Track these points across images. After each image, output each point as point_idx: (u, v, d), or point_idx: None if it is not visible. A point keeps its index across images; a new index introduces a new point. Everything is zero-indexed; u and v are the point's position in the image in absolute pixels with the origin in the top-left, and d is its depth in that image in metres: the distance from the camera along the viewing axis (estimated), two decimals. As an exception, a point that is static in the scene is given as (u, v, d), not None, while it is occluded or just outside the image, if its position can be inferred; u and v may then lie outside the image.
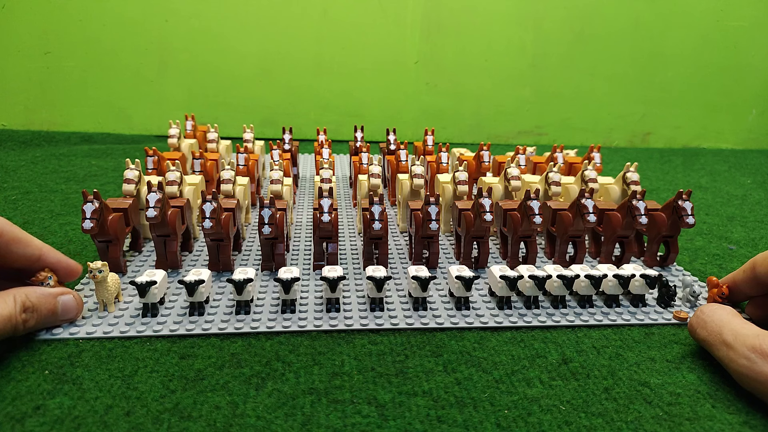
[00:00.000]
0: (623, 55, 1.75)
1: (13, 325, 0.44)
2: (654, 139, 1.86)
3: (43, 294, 0.48)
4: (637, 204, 0.70)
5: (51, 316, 0.49)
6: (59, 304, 0.49)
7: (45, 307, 0.48)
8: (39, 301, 0.47)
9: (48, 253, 0.51)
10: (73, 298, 0.51)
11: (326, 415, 0.43)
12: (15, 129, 1.59)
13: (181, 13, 1.57)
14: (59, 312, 0.49)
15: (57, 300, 0.49)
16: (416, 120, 1.75)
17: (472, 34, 1.68)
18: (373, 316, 0.58)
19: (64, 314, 0.50)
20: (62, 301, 0.50)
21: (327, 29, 1.62)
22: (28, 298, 0.46)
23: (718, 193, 1.19)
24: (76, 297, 0.52)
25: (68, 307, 0.50)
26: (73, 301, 0.51)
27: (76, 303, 0.52)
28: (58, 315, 0.49)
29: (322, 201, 0.67)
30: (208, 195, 0.65)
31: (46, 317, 0.48)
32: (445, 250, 0.79)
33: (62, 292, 0.50)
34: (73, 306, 0.51)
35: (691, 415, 0.45)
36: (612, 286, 0.62)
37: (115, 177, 1.13)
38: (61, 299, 0.50)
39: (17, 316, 0.44)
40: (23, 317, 0.45)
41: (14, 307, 0.44)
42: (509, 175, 0.82)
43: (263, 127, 1.69)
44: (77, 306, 0.52)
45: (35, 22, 1.52)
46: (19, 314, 0.44)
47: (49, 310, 0.48)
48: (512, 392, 0.47)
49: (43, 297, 0.48)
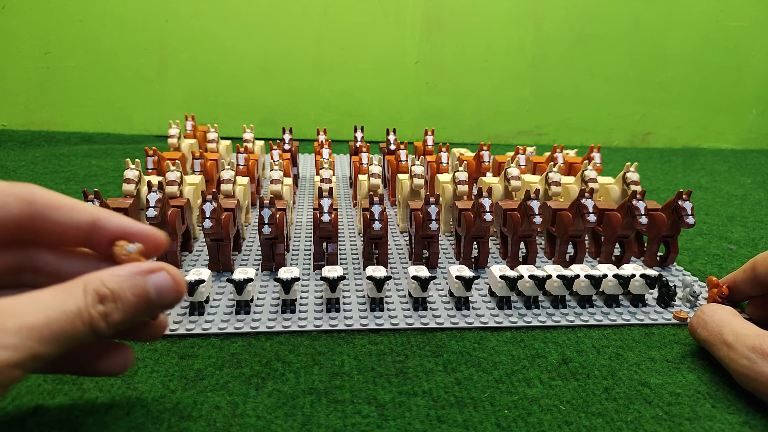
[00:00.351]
0: (623, 55, 1.75)
1: (88, 322, 0.29)
2: (654, 139, 1.86)
3: (123, 275, 0.32)
4: (637, 204, 0.70)
5: (142, 304, 0.32)
6: (150, 286, 0.32)
7: (130, 293, 0.31)
8: (119, 286, 0.31)
9: (107, 219, 0.34)
10: (168, 275, 0.33)
11: (326, 415, 0.43)
12: (15, 129, 1.59)
13: (181, 13, 1.57)
14: (153, 296, 0.33)
15: (146, 280, 0.32)
16: (416, 120, 1.75)
17: (472, 34, 1.68)
18: (373, 316, 0.58)
19: (161, 298, 0.33)
20: (153, 280, 0.33)
21: (327, 29, 1.62)
22: (103, 283, 0.30)
23: (718, 193, 1.19)
24: (172, 272, 0.34)
25: (164, 287, 0.33)
26: (168, 280, 0.33)
27: (174, 281, 0.34)
28: (152, 300, 0.33)
29: (322, 201, 0.67)
30: (208, 195, 0.65)
31: (136, 306, 0.32)
32: (445, 250, 0.79)
33: (152, 269, 0.33)
34: (170, 285, 0.33)
35: (691, 415, 0.45)
36: (612, 286, 0.62)
37: (115, 177, 1.13)
38: (152, 279, 0.33)
39: (90, 309, 0.29)
40: (101, 310, 0.30)
41: (84, 298, 0.29)
42: (509, 175, 0.82)
43: (263, 127, 1.69)
44: (176, 285, 0.34)
45: (35, 22, 1.52)
46: (92, 306, 0.29)
47: (137, 295, 0.32)
48: (512, 392, 0.47)
49: (124, 279, 0.31)
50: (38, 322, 0.27)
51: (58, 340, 0.28)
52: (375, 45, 1.65)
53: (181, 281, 0.34)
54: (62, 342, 0.28)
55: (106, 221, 0.34)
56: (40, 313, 0.28)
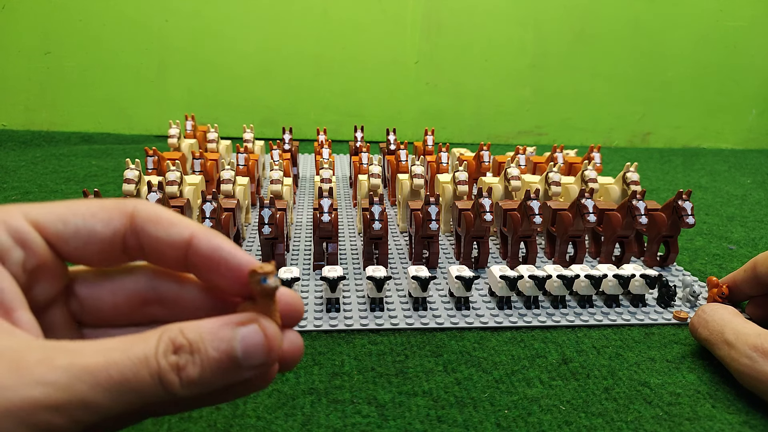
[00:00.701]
0: (623, 55, 1.75)
1: (156, 373, 0.23)
2: (654, 139, 1.86)
3: (208, 326, 0.25)
4: (637, 204, 0.70)
5: (225, 362, 0.24)
6: (237, 342, 0.25)
7: (212, 346, 0.24)
8: (200, 337, 0.24)
9: (201, 236, 0.27)
10: (260, 330, 0.25)
11: (326, 415, 0.43)
12: (15, 129, 1.59)
13: (182, 13, 1.57)
14: (239, 353, 0.25)
15: (234, 334, 0.25)
16: (416, 120, 1.75)
17: (472, 34, 1.68)
18: (373, 316, 0.58)
19: (247, 357, 0.25)
20: (242, 336, 0.25)
21: (327, 29, 1.62)
22: (181, 332, 0.24)
23: (718, 193, 1.19)
24: (264, 326, 0.25)
25: (251, 344, 0.25)
26: (259, 335, 0.25)
27: (265, 338, 0.25)
28: (237, 359, 0.25)
29: (322, 201, 0.67)
30: (208, 195, 0.65)
31: (218, 364, 0.24)
32: (445, 250, 0.79)
33: (242, 321, 0.25)
34: (259, 343, 0.25)
35: (691, 415, 0.45)
36: (612, 286, 0.62)
37: (115, 177, 1.13)
38: (241, 332, 0.25)
39: (160, 358, 0.23)
40: (173, 361, 0.23)
41: (156, 345, 0.23)
42: (509, 175, 0.82)
43: (263, 127, 1.69)
44: (267, 343, 0.25)
45: (35, 22, 1.52)
46: (162, 356, 0.23)
47: (220, 350, 0.24)
48: (512, 392, 0.47)
49: (207, 330, 0.24)
50: (95, 363, 0.22)
51: (118, 389, 0.22)
52: (375, 45, 1.65)
53: (274, 338, 0.26)
54: (122, 394, 0.22)
55: (199, 239, 0.27)
56: (99, 354, 0.22)
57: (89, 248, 0.27)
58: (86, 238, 0.27)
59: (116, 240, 0.27)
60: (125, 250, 0.28)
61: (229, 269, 0.27)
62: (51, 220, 0.26)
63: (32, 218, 0.26)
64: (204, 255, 0.27)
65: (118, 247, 0.28)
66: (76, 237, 0.27)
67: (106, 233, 0.27)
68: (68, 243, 0.27)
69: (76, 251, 0.27)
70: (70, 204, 0.27)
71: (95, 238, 0.27)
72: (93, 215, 0.27)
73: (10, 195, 0.97)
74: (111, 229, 0.27)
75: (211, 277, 0.27)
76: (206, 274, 0.28)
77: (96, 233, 0.27)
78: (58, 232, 0.26)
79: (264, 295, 0.25)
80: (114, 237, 0.27)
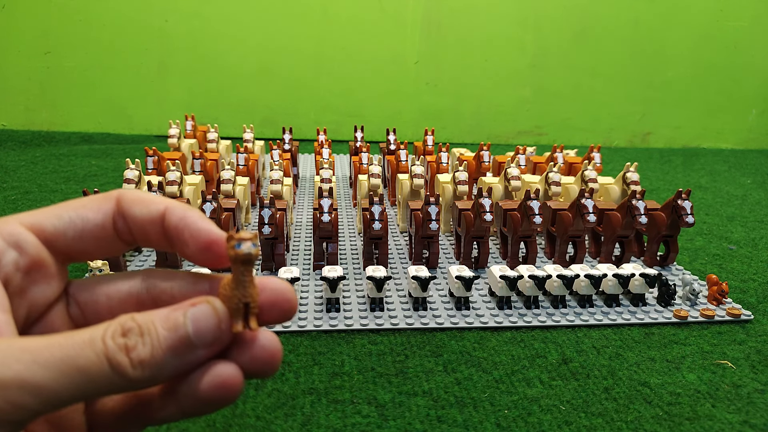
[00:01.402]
0: (623, 54, 1.75)
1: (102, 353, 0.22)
2: (654, 139, 1.86)
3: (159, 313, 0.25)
4: (637, 204, 0.70)
5: (176, 340, 0.24)
6: (188, 319, 0.24)
7: (162, 326, 0.24)
8: (149, 318, 0.24)
9: (172, 208, 0.28)
10: (211, 308, 0.25)
11: (326, 415, 0.43)
12: (15, 129, 1.59)
13: (182, 13, 1.57)
14: (189, 330, 0.24)
15: (184, 312, 0.25)
16: (416, 120, 1.75)
17: (472, 34, 1.68)
18: (373, 316, 0.58)
19: (199, 334, 0.25)
20: (192, 312, 0.24)
21: (327, 29, 1.62)
22: (132, 318, 0.24)
23: (718, 193, 1.19)
24: (216, 305, 0.25)
25: (202, 320, 0.25)
26: (209, 313, 0.25)
27: (217, 317, 0.25)
28: (188, 336, 0.24)
29: (322, 201, 0.67)
30: (208, 195, 0.65)
31: (169, 343, 0.24)
32: (445, 250, 0.79)
33: (194, 302, 0.25)
34: (210, 319, 0.25)
35: (691, 414, 0.45)
36: (612, 285, 0.62)
37: (115, 177, 1.13)
38: (192, 312, 0.24)
39: (106, 339, 0.23)
40: (121, 342, 0.23)
41: (105, 329, 0.23)
42: (509, 175, 0.82)
43: (263, 127, 1.69)
44: (217, 320, 0.25)
45: (35, 22, 1.52)
46: (109, 338, 0.23)
47: (170, 328, 0.24)
48: (512, 392, 0.47)
49: (159, 315, 0.24)
50: (35, 344, 0.21)
51: (58, 368, 0.21)
52: (375, 45, 1.65)
53: (225, 316, 0.25)
54: (66, 374, 0.21)
55: (170, 212, 0.27)
56: (42, 339, 0.22)
57: (86, 237, 0.28)
58: (81, 227, 0.28)
59: (107, 224, 0.29)
60: (118, 234, 0.29)
61: (192, 236, 0.27)
62: (46, 217, 0.27)
63: (28, 222, 0.27)
64: (173, 225, 0.28)
65: (110, 232, 0.29)
66: (72, 227, 0.28)
67: (98, 218, 0.28)
68: (66, 235, 0.28)
69: (74, 242, 0.28)
70: (60, 204, 0.29)
71: (89, 225, 0.28)
72: (83, 206, 0.28)
73: (10, 195, 0.97)
74: (101, 214, 0.28)
75: (182, 249, 0.28)
76: (178, 245, 0.28)
77: (89, 220, 0.28)
78: (54, 227, 0.28)
79: (237, 261, 0.24)
80: (105, 221, 0.29)
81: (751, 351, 0.55)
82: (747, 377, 0.51)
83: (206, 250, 0.27)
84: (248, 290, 0.25)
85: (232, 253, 0.24)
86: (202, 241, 0.27)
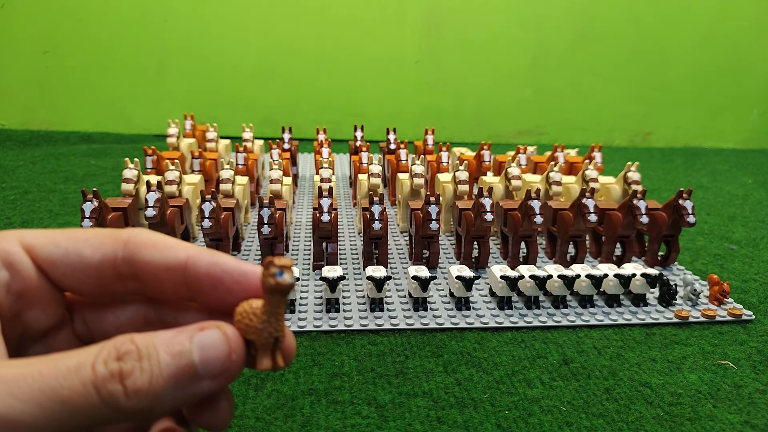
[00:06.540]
0: (624, 54, 1.75)
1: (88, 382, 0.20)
2: (655, 139, 1.86)
3: (162, 335, 0.22)
4: (638, 203, 0.70)
5: (180, 369, 0.22)
6: (194, 345, 0.22)
7: (165, 350, 0.21)
8: (151, 343, 0.22)
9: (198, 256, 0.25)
10: (221, 334, 0.23)
11: (326, 416, 0.43)
12: (14, 128, 1.59)
13: (181, 13, 1.56)
14: (195, 358, 0.22)
15: (191, 341, 0.22)
16: (416, 119, 1.75)
17: (472, 34, 1.68)
18: (373, 317, 0.58)
19: (205, 366, 0.22)
20: (200, 339, 0.22)
21: (327, 29, 1.62)
22: (131, 339, 0.22)
23: (719, 193, 1.19)
24: (227, 332, 0.23)
25: (210, 348, 0.22)
26: (219, 340, 0.23)
27: (228, 346, 0.23)
28: (194, 365, 0.22)
29: (322, 201, 0.67)
30: (207, 194, 0.65)
31: (172, 371, 0.21)
32: (446, 250, 0.79)
33: (203, 326, 0.23)
34: (219, 347, 0.22)
35: (692, 415, 0.45)
36: (613, 285, 0.62)
37: (114, 176, 1.12)
38: (199, 338, 0.22)
39: (97, 365, 0.20)
40: (114, 368, 0.20)
41: (96, 353, 0.20)
42: (510, 175, 0.81)
43: (263, 126, 1.69)
44: (228, 349, 0.23)
45: (35, 22, 1.52)
46: (101, 363, 0.20)
47: (174, 354, 0.22)
48: (513, 393, 0.47)
49: (161, 338, 0.22)
50: (12, 374, 0.19)
51: (38, 401, 0.19)
52: (375, 44, 1.65)
53: (236, 345, 0.23)
54: (46, 408, 0.19)
55: (196, 258, 0.25)
56: (21, 366, 0.20)
57: (77, 275, 0.26)
58: (74, 263, 0.26)
59: (105, 266, 0.26)
60: (118, 278, 0.26)
61: (235, 281, 0.24)
62: (43, 243, 0.25)
63: (26, 242, 0.25)
64: (203, 272, 0.25)
65: (107, 274, 0.26)
66: (65, 261, 0.26)
67: (94, 258, 0.26)
68: (57, 267, 0.25)
69: (65, 277, 0.26)
70: (68, 231, 0.26)
71: (83, 263, 0.26)
72: (84, 240, 0.26)
73: (9, 195, 0.96)
74: (99, 254, 0.26)
75: (215, 296, 0.25)
76: (210, 293, 0.25)
77: (84, 258, 0.26)
78: (48, 255, 0.25)
79: (275, 291, 0.21)
80: (102, 263, 0.26)
81: (752, 351, 0.55)
82: (748, 377, 0.51)
83: (239, 283, 0.24)
84: (281, 323, 0.22)
85: (272, 282, 0.21)
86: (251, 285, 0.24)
